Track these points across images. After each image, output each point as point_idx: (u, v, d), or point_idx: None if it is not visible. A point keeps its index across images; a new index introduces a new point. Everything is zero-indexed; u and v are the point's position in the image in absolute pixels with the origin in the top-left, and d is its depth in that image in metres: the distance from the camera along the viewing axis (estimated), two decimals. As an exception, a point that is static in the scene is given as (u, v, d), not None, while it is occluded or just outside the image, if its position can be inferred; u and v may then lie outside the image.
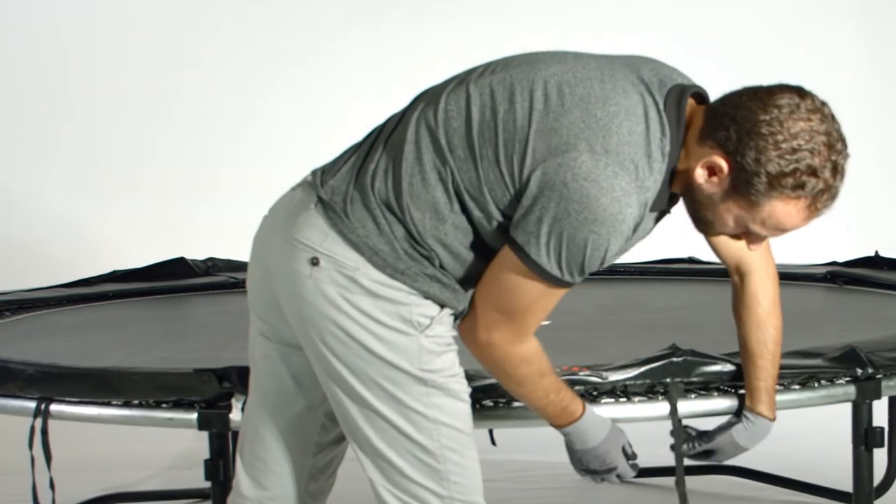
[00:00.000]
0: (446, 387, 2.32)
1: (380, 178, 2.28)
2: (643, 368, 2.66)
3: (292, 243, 2.30)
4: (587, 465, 2.49)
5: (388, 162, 2.28)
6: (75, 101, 6.07)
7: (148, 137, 6.12)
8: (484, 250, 2.28)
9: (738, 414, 2.65)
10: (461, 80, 2.31)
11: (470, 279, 2.31)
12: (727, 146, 2.15)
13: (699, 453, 2.67)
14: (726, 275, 2.66)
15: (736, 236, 2.27)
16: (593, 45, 2.57)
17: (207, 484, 2.91)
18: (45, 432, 2.86)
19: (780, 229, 2.20)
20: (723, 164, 2.16)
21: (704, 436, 2.67)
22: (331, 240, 2.27)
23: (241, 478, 2.54)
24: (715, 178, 2.18)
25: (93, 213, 6.03)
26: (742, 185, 2.15)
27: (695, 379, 2.67)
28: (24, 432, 2.87)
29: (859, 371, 2.78)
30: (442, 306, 2.31)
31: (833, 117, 2.16)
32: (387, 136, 2.32)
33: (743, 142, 2.13)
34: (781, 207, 2.16)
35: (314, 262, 2.28)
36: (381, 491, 2.35)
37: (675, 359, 2.67)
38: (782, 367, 2.66)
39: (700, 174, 2.19)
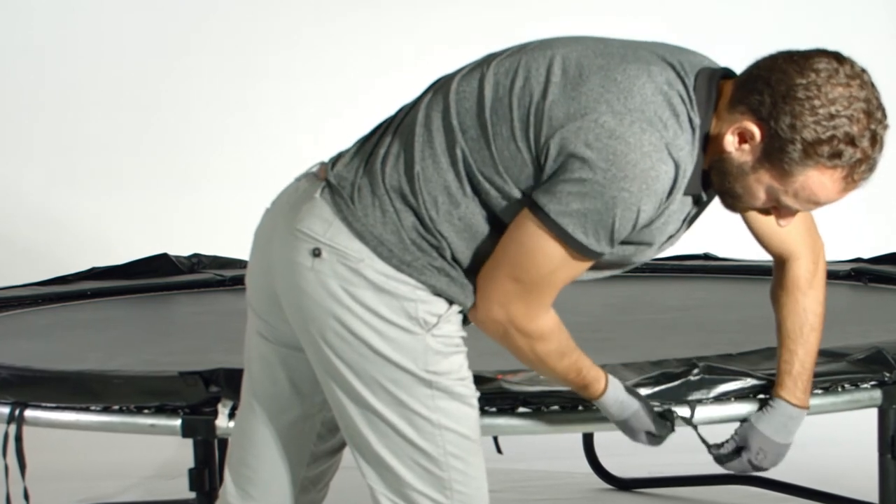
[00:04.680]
0: (452, 390, 2.31)
1: (390, 163, 2.28)
2: (657, 388, 2.58)
3: (294, 234, 2.30)
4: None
5: (399, 147, 2.29)
6: (53, 88, 6.07)
7: (130, 126, 6.12)
8: (501, 233, 2.26)
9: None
10: (475, 66, 2.31)
11: (481, 268, 2.30)
12: (760, 111, 2.14)
13: (730, 454, 2.57)
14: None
15: (765, 211, 2.26)
16: (601, 24, 2.56)
17: (192, 494, 2.91)
18: (19, 439, 2.86)
19: (813, 202, 2.19)
20: (755, 130, 2.15)
21: (728, 441, 2.58)
22: (334, 229, 2.27)
23: (228, 486, 2.53)
24: (746, 146, 2.17)
25: (70, 207, 6.02)
26: (775, 153, 2.14)
27: (713, 398, 2.61)
28: (-3, 439, 2.87)
29: (886, 374, 2.76)
30: (450, 303, 2.31)
31: (873, 85, 2.15)
32: (398, 123, 2.33)
33: (778, 106, 2.12)
34: (816, 178, 2.15)
35: (316, 253, 2.28)
36: (381, 499, 2.35)
37: (691, 377, 2.62)
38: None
39: (730, 141, 2.18)
